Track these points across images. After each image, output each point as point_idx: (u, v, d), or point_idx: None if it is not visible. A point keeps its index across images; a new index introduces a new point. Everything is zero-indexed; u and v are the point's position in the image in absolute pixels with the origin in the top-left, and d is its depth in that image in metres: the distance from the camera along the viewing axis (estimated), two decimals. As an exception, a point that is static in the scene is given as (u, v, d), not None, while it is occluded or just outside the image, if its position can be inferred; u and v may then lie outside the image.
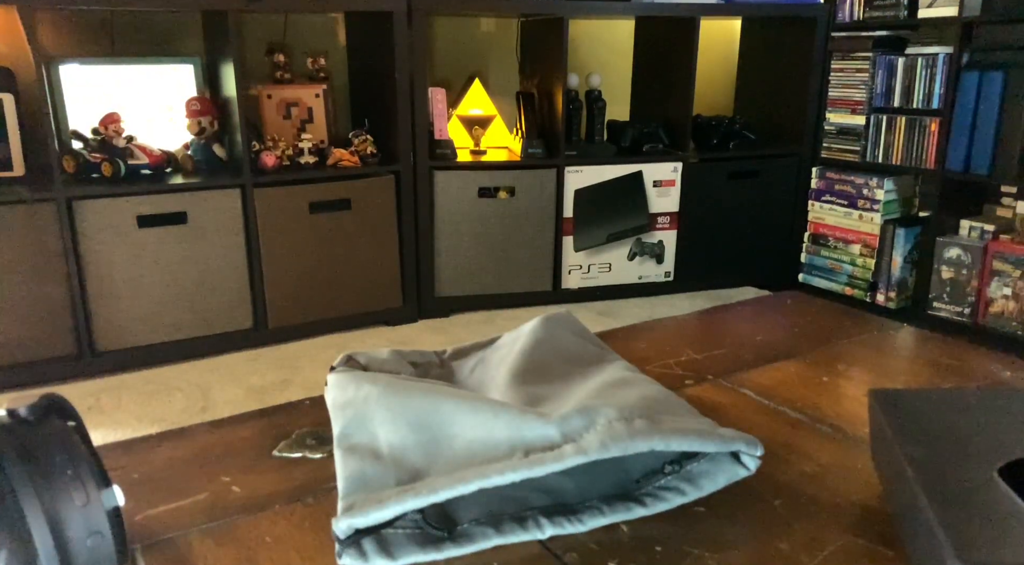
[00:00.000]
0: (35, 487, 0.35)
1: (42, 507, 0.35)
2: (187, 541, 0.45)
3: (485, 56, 2.92)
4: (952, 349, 0.73)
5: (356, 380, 0.52)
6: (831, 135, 2.84)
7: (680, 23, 2.73)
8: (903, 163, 2.63)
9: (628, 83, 3.10)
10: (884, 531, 0.45)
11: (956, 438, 0.44)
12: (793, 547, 0.44)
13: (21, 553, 0.35)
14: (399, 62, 2.39)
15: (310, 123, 2.53)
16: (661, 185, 2.77)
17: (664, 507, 0.46)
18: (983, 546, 0.35)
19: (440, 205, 2.56)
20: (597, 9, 2.62)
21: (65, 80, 2.30)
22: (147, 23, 2.42)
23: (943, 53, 2.48)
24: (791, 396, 0.63)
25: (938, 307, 2.57)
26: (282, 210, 2.32)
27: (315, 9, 2.51)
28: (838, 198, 2.81)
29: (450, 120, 2.73)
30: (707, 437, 0.45)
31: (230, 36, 2.17)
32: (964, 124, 2.43)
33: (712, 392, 0.64)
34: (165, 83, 2.43)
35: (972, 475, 0.40)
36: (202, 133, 2.36)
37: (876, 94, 2.68)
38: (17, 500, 0.34)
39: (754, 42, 3.09)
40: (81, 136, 2.24)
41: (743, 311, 0.88)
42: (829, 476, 0.51)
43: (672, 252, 2.86)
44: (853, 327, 0.79)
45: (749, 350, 0.73)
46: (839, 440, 0.56)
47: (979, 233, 2.52)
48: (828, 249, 2.89)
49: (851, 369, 0.69)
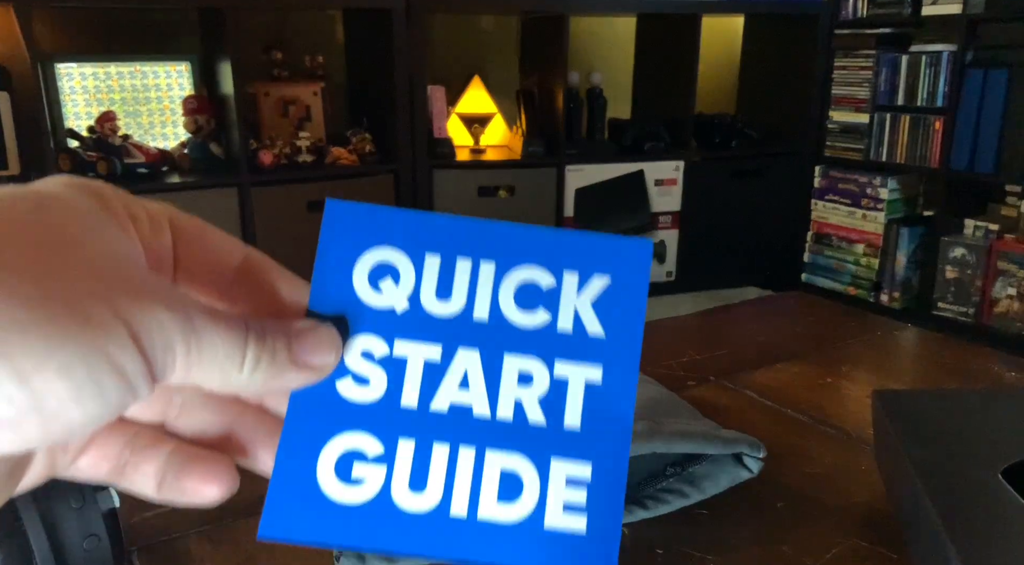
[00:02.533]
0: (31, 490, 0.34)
1: (38, 510, 0.35)
2: (184, 543, 0.44)
3: (485, 54, 2.92)
4: (956, 350, 0.73)
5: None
6: (834, 133, 2.84)
7: (682, 20, 2.72)
8: (907, 162, 2.62)
9: (629, 81, 3.09)
10: (888, 533, 0.45)
11: (960, 439, 0.43)
12: (796, 549, 0.43)
13: (17, 556, 0.35)
14: (398, 60, 2.38)
15: (308, 121, 2.52)
16: (663, 184, 2.77)
17: (666, 509, 0.46)
18: (987, 548, 0.35)
19: (439, 204, 2.55)
20: (598, 6, 2.61)
21: (61, 78, 2.29)
22: (143, 21, 2.41)
23: (947, 51, 2.47)
24: (794, 397, 0.63)
25: (942, 307, 2.56)
26: (280, 209, 2.32)
27: (314, 6, 2.51)
28: (841, 197, 2.80)
29: (449, 118, 2.73)
30: (709, 439, 0.45)
31: (227, 33, 2.17)
32: (968, 122, 2.42)
33: (714, 393, 0.64)
34: (162, 81, 2.43)
35: (976, 476, 0.40)
36: (199, 131, 2.36)
37: (880, 92, 2.67)
38: (13, 503, 0.34)
39: (757, 40, 3.08)
40: (77, 134, 2.23)
41: (746, 311, 0.88)
42: (832, 478, 0.51)
43: (674, 252, 2.85)
44: (857, 327, 0.79)
45: (752, 351, 0.72)
46: (842, 441, 0.56)
47: (983, 232, 2.51)
48: (831, 248, 2.88)
49: (855, 370, 0.68)
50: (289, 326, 0.21)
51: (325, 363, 0.21)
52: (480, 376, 0.22)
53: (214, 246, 0.22)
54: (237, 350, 0.19)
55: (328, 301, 0.22)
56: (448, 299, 0.22)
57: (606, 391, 0.22)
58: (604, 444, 0.22)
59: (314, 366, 0.21)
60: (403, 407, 0.22)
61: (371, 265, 0.22)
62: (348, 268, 0.22)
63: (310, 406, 0.22)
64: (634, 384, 0.22)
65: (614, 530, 0.22)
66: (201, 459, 0.22)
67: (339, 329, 0.22)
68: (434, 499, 0.21)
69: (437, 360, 0.22)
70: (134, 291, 0.18)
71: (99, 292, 0.17)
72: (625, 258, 0.23)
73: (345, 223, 0.22)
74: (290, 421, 0.22)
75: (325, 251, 0.22)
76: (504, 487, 0.21)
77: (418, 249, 0.22)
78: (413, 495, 0.21)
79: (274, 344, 0.20)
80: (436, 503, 0.21)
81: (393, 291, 0.22)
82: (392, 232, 0.22)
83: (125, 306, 0.17)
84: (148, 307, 0.18)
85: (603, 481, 0.22)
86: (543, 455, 0.22)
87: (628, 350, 0.22)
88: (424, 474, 0.21)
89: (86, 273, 0.17)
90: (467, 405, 0.22)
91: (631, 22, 3.05)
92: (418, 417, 0.22)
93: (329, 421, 0.22)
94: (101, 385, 0.17)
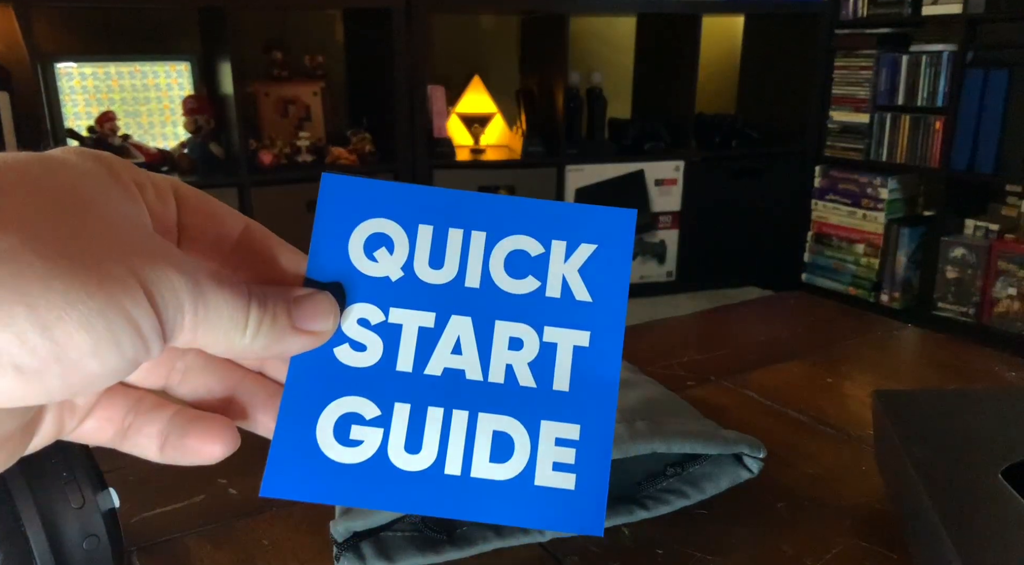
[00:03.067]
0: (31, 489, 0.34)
1: (38, 510, 0.35)
2: (184, 544, 0.44)
3: (485, 53, 2.91)
4: (957, 350, 0.73)
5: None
6: (835, 133, 2.84)
7: (682, 20, 2.72)
8: (907, 162, 2.62)
9: (630, 81, 3.09)
10: (888, 534, 0.45)
11: (961, 440, 0.43)
12: (796, 550, 0.43)
13: (16, 556, 0.35)
14: (398, 60, 2.38)
15: (308, 121, 2.52)
16: (663, 184, 2.76)
17: (666, 510, 0.46)
18: (988, 549, 0.35)
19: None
20: (598, 6, 2.61)
21: (61, 78, 2.29)
22: (143, 21, 2.41)
23: (947, 51, 2.47)
24: (794, 397, 0.62)
25: (943, 307, 2.56)
26: (279, 209, 2.32)
27: (314, 6, 2.51)
28: (842, 197, 2.80)
29: (449, 118, 2.73)
30: (709, 439, 0.45)
31: (227, 33, 2.17)
32: (969, 122, 2.42)
33: (714, 393, 0.63)
34: (162, 81, 2.43)
35: (977, 477, 0.40)
36: (199, 131, 2.36)
37: (880, 92, 2.67)
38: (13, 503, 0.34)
39: (757, 39, 3.08)
40: (77, 135, 2.23)
41: (746, 311, 0.88)
42: (833, 478, 0.51)
43: (674, 252, 2.85)
44: (857, 327, 0.79)
45: (752, 351, 0.72)
46: (843, 442, 0.56)
47: (984, 232, 2.51)
48: (832, 248, 2.88)
49: (855, 370, 0.68)
50: (289, 292, 0.22)
51: (324, 328, 0.22)
52: (472, 341, 0.23)
53: (216, 216, 0.23)
54: (240, 313, 0.20)
55: (325, 270, 0.23)
56: (441, 268, 0.23)
57: (593, 355, 0.23)
58: (592, 406, 0.23)
59: (313, 331, 0.22)
60: (398, 372, 0.23)
61: (366, 235, 0.23)
62: (344, 238, 0.23)
63: (309, 371, 0.22)
64: (619, 348, 0.23)
65: (601, 487, 0.22)
66: (203, 419, 0.22)
67: (336, 296, 0.22)
68: (429, 459, 0.22)
69: (431, 326, 0.23)
70: (147, 252, 0.18)
71: (115, 250, 0.18)
72: (610, 226, 0.23)
73: (341, 196, 0.23)
74: (290, 385, 0.22)
75: (322, 222, 0.23)
76: (496, 447, 0.22)
77: (411, 220, 0.23)
78: (409, 456, 0.22)
79: (275, 309, 0.21)
80: (431, 463, 0.22)
81: (388, 260, 0.23)
82: (386, 204, 0.23)
83: (139, 265, 0.18)
84: (160, 268, 0.18)
85: (591, 441, 0.23)
86: (533, 417, 0.23)
87: (614, 314, 0.23)
88: (419, 436, 0.22)
89: (101, 231, 0.18)
90: (460, 369, 0.23)
91: (631, 22, 3.05)
92: (413, 381, 0.23)
93: (328, 385, 0.22)
94: (118, 339, 0.17)
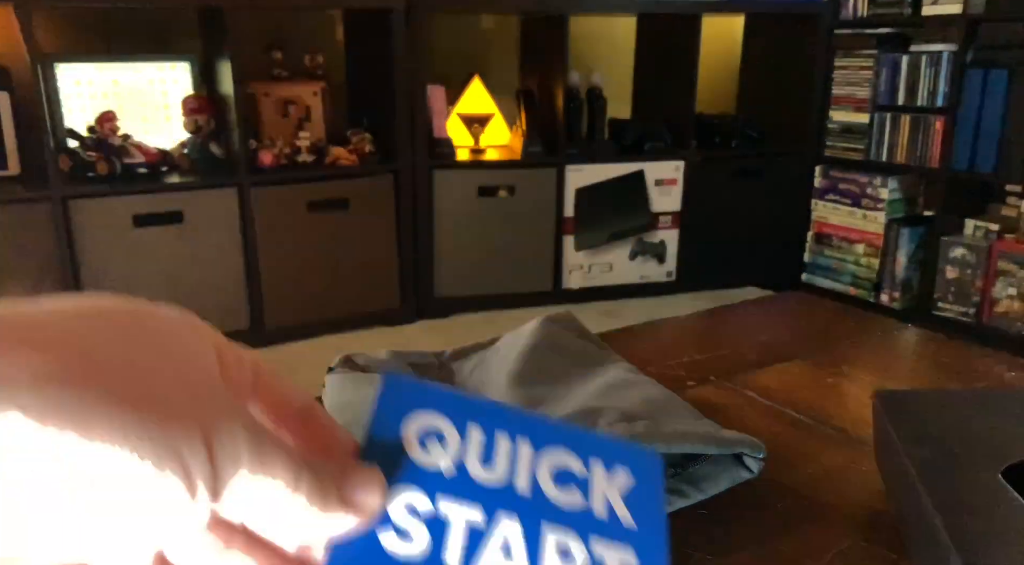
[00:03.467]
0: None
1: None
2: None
3: (485, 53, 2.91)
4: (957, 350, 0.72)
5: (355, 382, 0.52)
6: (835, 133, 2.84)
7: (682, 20, 2.72)
8: (907, 162, 2.62)
9: (630, 81, 3.09)
10: (888, 534, 0.45)
11: (961, 440, 0.43)
12: (796, 550, 0.43)
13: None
14: (398, 60, 2.38)
15: (308, 121, 2.52)
16: (663, 184, 2.76)
17: (666, 509, 0.46)
18: (987, 549, 0.35)
19: (439, 204, 2.55)
20: (598, 6, 2.61)
21: (61, 78, 2.29)
22: (143, 21, 2.41)
23: (947, 51, 2.47)
24: (795, 398, 0.62)
25: (943, 307, 2.56)
26: (280, 209, 2.32)
27: (314, 6, 2.51)
28: (842, 197, 2.80)
29: (449, 118, 2.73)
30: (709, 439, 0.45)
31: (227, 33, 2.16)
32: (969, 122, 2.42)
33: (715, 393, 0.63)
34: (161, 81, 2.43)
35: (977, 477, 0.39)
36: (199, 131, 2.35)
37: (880, 92, 2.67)
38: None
39: (757, 39, 3.08)
40: (77, 134, 2.23)
41: (746, 311, 0.87)
42: (833, 479, 0.50)
43: (674, 252, 2.85)
44: (857, 328, 0.79)
45: (752, 351, 0.72)
46: (843, 442, 0.55)
47: (984, 232, 2.51)
48: (832, 248, 2.88)
49: (855, 370, 0.68)
50: (340, 465, 0.23)
51: (371, 503, 0.22)
52: (522, 544, 0.23)
53: (284, 389, 0.25)
54: (292, 474, 0.21)
55: (378, 452, 0.23)
56: (492, 468, 0.24)
57: None
58: None
59: (361, 505, 0.22)
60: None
61: (420, 427, 0.24)
62: (398, 426, 0.24)
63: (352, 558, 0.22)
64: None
65: None
66: None
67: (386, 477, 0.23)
68: None
69: (479, 523, 0.23)
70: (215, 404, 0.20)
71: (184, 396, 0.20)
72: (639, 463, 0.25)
73: (399, 393, 0.25)
74: None
75: (380, 412, 0.24)
76: None
77: (463, 419, 0.24)
78: None
79: (325, 475, 0.22)
80: None
81: (440, 452, 0.24)
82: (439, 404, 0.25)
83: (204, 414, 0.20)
84: (225, 419, 0.20)
85: None
86: None
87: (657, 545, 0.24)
88: None
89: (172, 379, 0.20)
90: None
91: (631, 22, 3.05)
92: None
93: None
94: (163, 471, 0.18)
